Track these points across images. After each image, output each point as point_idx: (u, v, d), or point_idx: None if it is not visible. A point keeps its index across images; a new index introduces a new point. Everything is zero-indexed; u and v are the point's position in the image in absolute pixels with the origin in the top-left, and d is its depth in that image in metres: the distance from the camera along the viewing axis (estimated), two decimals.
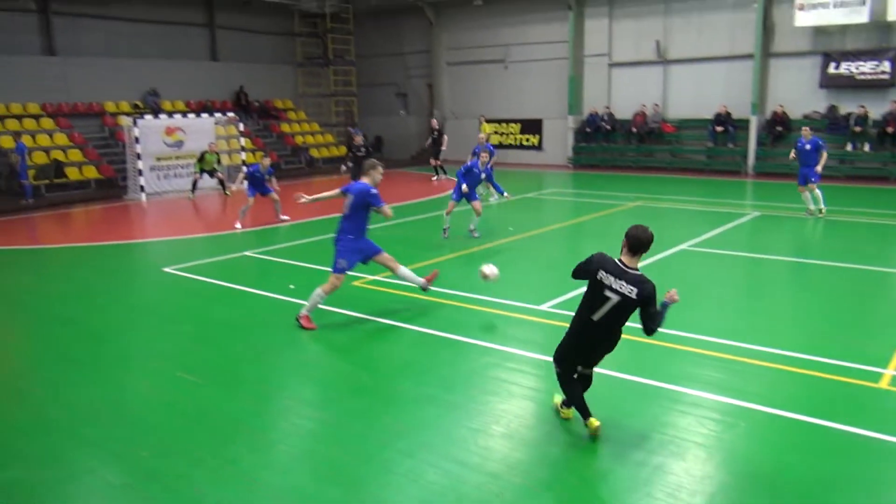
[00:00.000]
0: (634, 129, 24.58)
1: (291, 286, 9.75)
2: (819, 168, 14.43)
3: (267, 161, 15.38)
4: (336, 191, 8.28)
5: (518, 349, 7.17)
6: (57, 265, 11.90)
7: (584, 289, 5.35)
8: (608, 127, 25.34)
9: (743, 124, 22.86)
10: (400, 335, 7.76)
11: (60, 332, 8.21)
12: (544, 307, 8.55)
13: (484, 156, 13.66)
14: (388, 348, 7.37)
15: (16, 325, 8.64)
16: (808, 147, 14.56)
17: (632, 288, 5.01)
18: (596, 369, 5.68)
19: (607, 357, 5.52)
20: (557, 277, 10.37)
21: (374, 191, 7.96)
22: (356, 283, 9.82)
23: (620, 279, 5.04)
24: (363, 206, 7.99)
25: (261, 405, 6.07)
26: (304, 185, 21.00)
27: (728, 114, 22.91)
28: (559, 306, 8.57)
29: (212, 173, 20.21)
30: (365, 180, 8.07)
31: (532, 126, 27.91)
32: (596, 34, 25.63)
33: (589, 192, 19.49)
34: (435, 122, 23.83)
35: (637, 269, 5.09)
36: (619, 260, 5.15)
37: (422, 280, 8.60)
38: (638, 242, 5.08)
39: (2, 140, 20.75)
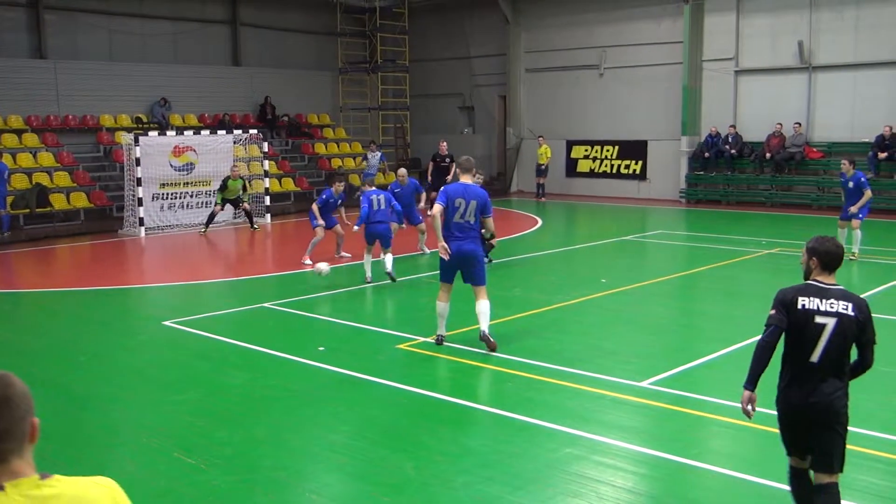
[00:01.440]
0: (769, 155, 24.24)
1: (321, 348, 9.83)
2: (854, 209, 14.85)
3: (340, 186, 15.78)
4: (438, 207, 9.31)
5: (611, 438, 7.03)
6: (33, 313, 12.32)
7: (707, 359, 5.19)
8: (733, 152, 25.07)
9: None
10: (457, 414, 7.70)
11: (38, 397, 8.43)
12: (646, 384, 8.38)
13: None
14: (440, 431, 7.32)
15: None
16: (850, 185, 14.98)
17: (845, 303, 4.93)
18: None
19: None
20: (665, 346, 10.20)
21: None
22: (402, 346, 9.84)
23: (828, 298, 4.97)
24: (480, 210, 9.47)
25: (277, 498, 6.08)
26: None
27: (895, 136, 22.39)
28: (666, 384, 8.38)
29: (236, 203, 20.76)
30: (466, 179, 9.49)
31: (633, 149, 27.83)
32: (719, 34, 25.57)
33: (707, 236, 19.22)
34: (444, 147, 23.39)
35: (838, 284, 5.03)
36: (814, 279, 5.09)
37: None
38: (831, 257, 5.09)
39: None
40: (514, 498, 5.97)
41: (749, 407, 5.25)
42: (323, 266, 13.04)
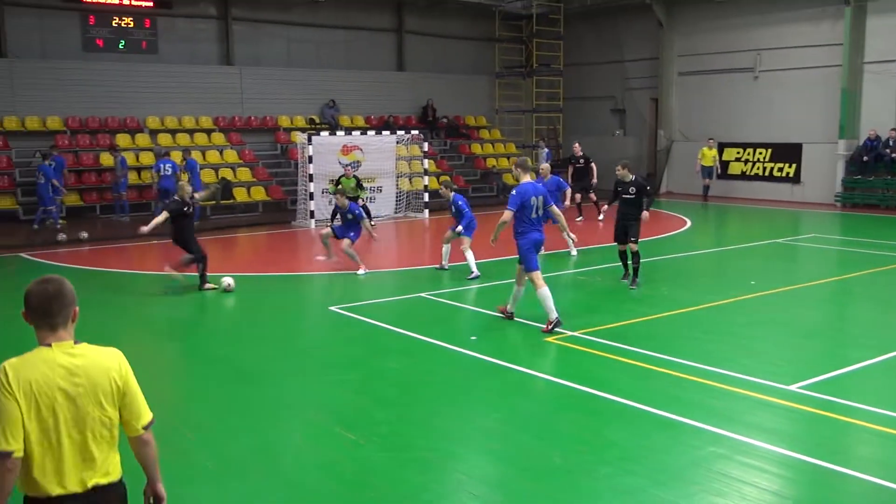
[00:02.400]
0: None
1: (473, 338, 9.93)
2: None
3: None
4: (508, 214, 10.17)
5: (756, 440, 6.74)
6: (213, 295, 13.01)
7: (859, 366, 4.92)
8: (894, 155, 23.47)
9: None
10: (603, 407, 7.61)
11: (213, 371, 8.96)
12: (794, 388, 7.99)
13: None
14: (586, 422, 7.25)
15: (169, 362, 9.55)
16: None
17: None
18: None
19: None
20: (815, 350, 9.71)
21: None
22: (551, 340, 9.80)
23: None
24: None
25: (428, 476, 6.19)
26: (495, 216, 21.45)
27: None
28: (815, 388, 7.97)
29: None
30: (528, 178, 10.29)
31: (787, 152, 26.55)
32: (881, 35, 24.01)
33: (863, 241, 18.09)
34: (578, 148, 22.71)
35: None
36: None
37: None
38: None
39: (172, 155, 23.29)
40: (656, 492, 5.84)
41: None
42: (228, 280, 13.02)
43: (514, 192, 10.24)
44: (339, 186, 19.03)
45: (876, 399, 7.72)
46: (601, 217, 20.43)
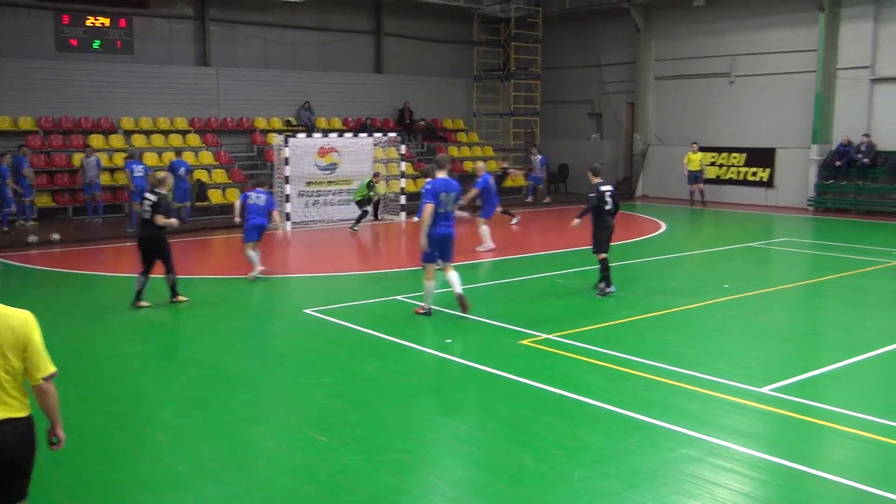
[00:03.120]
0: None
1: (448, 340, 9.94)
2: None
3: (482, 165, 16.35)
4: (430, 207, 10.64)
5: (728, 441, 6.80)
6: (191, 298, 12.92)
7: (830, 368, 4.97)
8: (866, 161, 23.77)
9: None
10: (576, 410, 7.63)
11: (186, 374, 8.90)
12: (766, 390, 8.07)
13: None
14: (560, 425, 7.27)
15: (143, 364, 9.47)
16: None
17: None
18: None
19: None
20: (788, 353, 9.81)
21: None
22: (525, 342, 9.83)
23: None
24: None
25: (403, 479, 6.19)
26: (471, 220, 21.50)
27: None
28: (787, 391, 8.05)
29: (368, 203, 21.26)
30: (442, 175, 10.95)
31: (761, 157, 26.81)
32: (855, 42, 24.31)
33: (835, 245, 18.31)
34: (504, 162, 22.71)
35: None
36: None
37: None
38: None
39: (147, 157, 23.11)
40: (629, 494, 5.87)
41: None
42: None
43: (427, 186, 10.85)
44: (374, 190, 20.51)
45: (847, 401, 7.81)
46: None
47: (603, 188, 12.55)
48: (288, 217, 21.27)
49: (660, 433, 7.03)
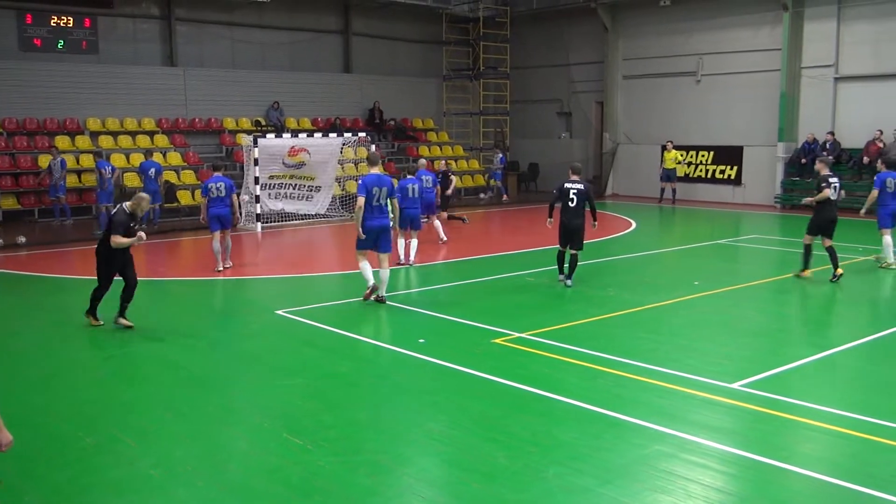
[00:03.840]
0: (866, 160, 23.20)
1: (421, 340, 9.93)
2: None
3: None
4: (361, 200, 11.51)
5: (700, 437, 6.86)
6: (159, 301, 12.80)
7: (799, 363, 5.04)
8: (831, 158, 24.03)
9: None
10: (549, 408, 7.66)
11: (157, 377, 8.81)
12: (736, 386, 8.15)
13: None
14: (533, 423, 7.29)
15: (112, 368, 9.36)
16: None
17: None
18: None
19: None
20: (757, 348, 9.91)
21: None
22: (498, 341, 9.85)
23: None
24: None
25: (377, 480, 6.17)
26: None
27: None
28: (758, 386, 8.14)
29: None
30: (376, 170, 11.80)
31: (729, 155, 27.12)
32: (818, 41, 24.66)
33: (802, 241, 18.52)
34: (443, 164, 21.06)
35: None
36: None
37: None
38: None
39: (114, 159, 22.84)
40: (602, 490, 5.90)
41: None
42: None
43: (360, 181, 11.70)
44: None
45: (816, 396, 7.92)
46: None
47: (567, 185, 12.76)
48: (258, 218, 21.13)
49: (632, 430, 7.08)
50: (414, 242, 15.19)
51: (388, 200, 11.87)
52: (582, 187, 12.88)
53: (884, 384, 8.45)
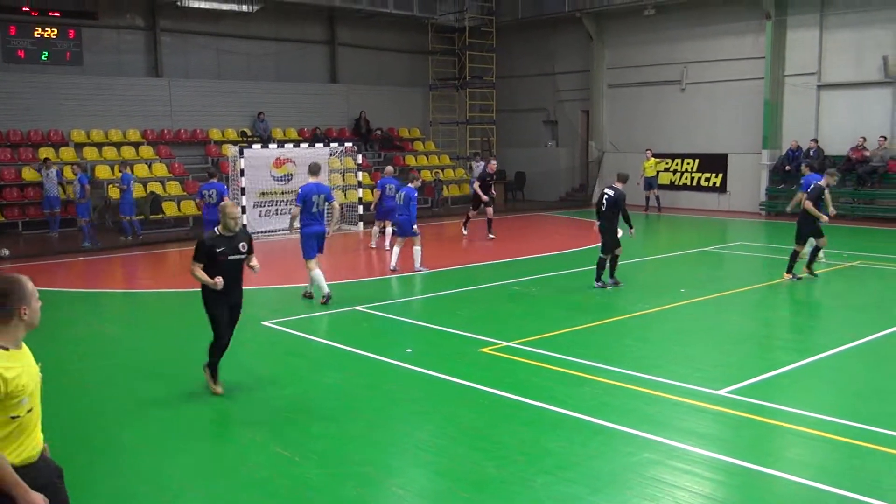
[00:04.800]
0: (851, 168, 23.39)
1: (409, 350, 9.93)
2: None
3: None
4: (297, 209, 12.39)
5: (688, 444, 6.89)
6: (146, 312, 12.76)
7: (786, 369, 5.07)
8: (815, 165, 24.24)
9: None
10: (538, 417, 7.67)
11: (148, 388, 8.77)
12: (724, 392, 8.19)
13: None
14: (521, 432, 7.30)
15: (99, 381, 9.30)
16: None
17: None
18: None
19: None
20: (744, 355, 9.96)
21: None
22: (485, 350, 9.85)
23: None
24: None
25: (365, 491, 6.16)
26: (434, 226, 21.49)
27: None
28: (744, 392, 8.18)
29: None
30: (314, 179, 12.60)
31: (714, 162, 27.28)
32: (801, 49, 24.88)
33: (787, 248, 18.55)
34: (494, 167, 21.36)
35: None
36: None
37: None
38: None
39: (98, 170, 22.75)
40: (592, 499, 5.92)
41: None
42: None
43: (299, 190, 12.52)
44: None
45: (802, 402, 7.97)
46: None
47: (605, 189, 13.58)
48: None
49: (620, 437, 7.09)
50: (416, 249, 15.30)
51: (328, 205, 12.66)
52: (612, 191, 13.39)
53: (869, 389, 8.51)
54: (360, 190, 23.70)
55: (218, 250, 8.05)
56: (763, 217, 25.14)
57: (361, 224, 23.13)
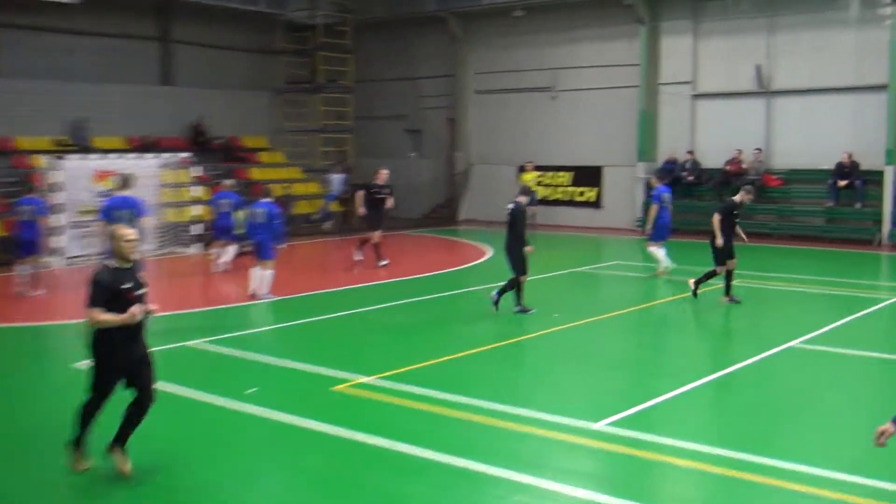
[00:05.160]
0: (727, 181, 24.56)
1: (252, 390, 9.60)
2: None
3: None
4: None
5: (562, 484, 6.93)
6: None
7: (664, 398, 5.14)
8: (691, 178, 25.38)
9: (875, 177, 22.80)
10: (394, 461, 7.56)
11: None
12: (600, 425, 8.31)
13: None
14: (376, 479, 7.17)
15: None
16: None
17: None
18: None
19: None
20: (621, 382, 10.18)
21: None
22: (338, 388, 9.66)
23: None
24: None
25: None
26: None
27: (854, 163, 22.88)
28: (621, 424, 8.33)
29: None
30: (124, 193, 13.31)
31: (588, 176, 28.05)
32: (676, 56, 26.01)
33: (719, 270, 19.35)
34: (385, 176, 20.41)
35: None
36: None
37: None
38: None
39: None
40: None
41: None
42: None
43: (105, 204, 13.29)
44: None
45: (681, 432, 8.19)
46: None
47: (508, 204, 13.87)
48: (54, 252, 20.03)
49: (490, 480, 7.06)
50: (266, 273, 14.87)
51: (138, 221, 12.71)
52: (513, 204, 13.63)
53: (748, 416, 8.85)
54: (196, 207, 23.01)
55: (123, 287, 6.96)
56: (640, 234, 25.96)
57: (195, 246, 22.45)
